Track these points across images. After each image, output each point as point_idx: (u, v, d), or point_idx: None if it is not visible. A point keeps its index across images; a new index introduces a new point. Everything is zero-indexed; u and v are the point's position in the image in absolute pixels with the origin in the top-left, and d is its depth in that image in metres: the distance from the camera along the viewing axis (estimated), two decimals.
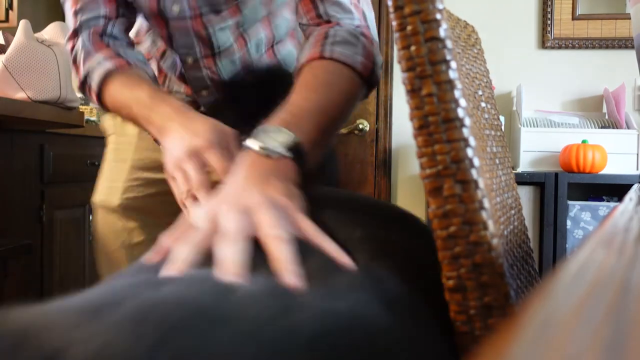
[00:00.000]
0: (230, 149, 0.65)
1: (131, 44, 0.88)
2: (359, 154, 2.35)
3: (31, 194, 1.79)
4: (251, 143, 0.57)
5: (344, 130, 2.31)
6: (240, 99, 0.88)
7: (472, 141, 0.43)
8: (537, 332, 0.18)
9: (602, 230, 0.37)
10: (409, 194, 2.35)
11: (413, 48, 0.43)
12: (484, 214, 0.42)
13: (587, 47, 2.24)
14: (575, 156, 1.87)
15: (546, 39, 2.24)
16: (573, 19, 2.24)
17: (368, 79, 0.71)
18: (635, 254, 0.29)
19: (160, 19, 0.84)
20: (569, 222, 1.89)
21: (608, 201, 1.98)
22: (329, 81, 0.67)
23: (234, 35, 0.86)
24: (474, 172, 0.42)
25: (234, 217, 0.47)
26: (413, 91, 0.43)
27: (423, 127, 0.44)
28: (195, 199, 0.62)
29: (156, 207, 0.95)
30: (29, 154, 1.79)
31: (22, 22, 1.63)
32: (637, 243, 0.32)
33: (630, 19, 2.16)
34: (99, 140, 2.18)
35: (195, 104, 0.91)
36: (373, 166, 2.36)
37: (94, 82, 0.81)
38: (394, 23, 0.44)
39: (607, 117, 2.13)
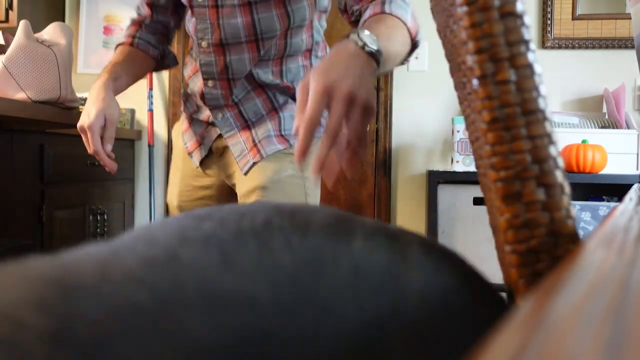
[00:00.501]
0: (104, 133, 1.06)
1: (152, 32, 1.19)
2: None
3: (31, 194, 1.79)
4: (355, 37, 0.70)
5: None
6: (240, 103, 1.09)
7: (555, 137, 0.36)
8: (537, 332, 0.18)
9: (602, 230, 0.37)
10: (409, 194, 2.35)
11: (485, 25, 0.35)
12: (572, 224, 0.35)
13: (587, 47, 2.24)
14: (575, 156, 1.87)
15: (546, 39, 2.24)
16: (573, 18, 2.24)
17: (414, 39, 0.86)
18: (635, 254, 0.29)
19: (191, 7, 1.05)
20: None
21: (608, 201, 1.98)
22: (393, 25, 0.83)
23: (246, 37, 1.01)
24: (559, 174, 0.35)
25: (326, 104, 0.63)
26: (484, 77, 0.36)
27: (497, 120, 0.36)
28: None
29: (196, 202, 1.18)
30: (29, 154, 1.79)
31: (22, 22, 1.63)
32: (637, 243, 0.32)
33: (630, 18, 2.16)
34: None
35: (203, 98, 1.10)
36: (373, 166, 2.36)
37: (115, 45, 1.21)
38: None
39: (607, 117, 2.13)
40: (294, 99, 1.09)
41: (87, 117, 1.06)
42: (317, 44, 1.11)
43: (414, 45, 0.88)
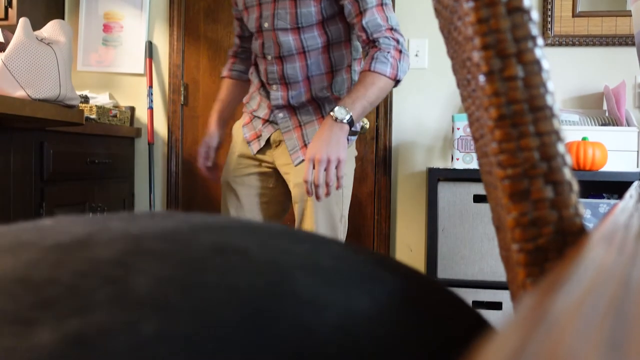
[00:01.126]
0: (207, 151, 1.63)
1: (243, 60, 1.68)
2: (360, 152, 2.35)
3: (31, 192, 1.79)
4: (333, 113, 1.28)
5: None
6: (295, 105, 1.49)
7: (563, 134, 0.35)
8: (538, 330, 0.18)
9: (603, 228, 0.37)
10: (409, 192, 2.35)
11: (492, 21, 0.35)
12: (580, 222, 0.35)
13: (587, 45, 2.23)
14: (576, 153, 1.87)
15: (546, 36, 2.24)
16: (573, 16, 2.24)
17: (395, 79, 1.35)
18: (635, 252, 0.29)
19: (259, 32, 1.44)
20: None
21: (608, 198, 1.98)
22: (371, 82, 1.31)
23: (296, 49, 1.41)
24: (567, 172, 0.35)
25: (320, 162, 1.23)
26: (491, 73, 0.35)
27: (504, 117, 0.35)
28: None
29: (249, 181, 1.56)
30: (29, 152, 1.79)
31: (22, 20, 1.63)
32: (638, 240, 0.32)
33: (630, 16, 2.15)
34: (99, 138, 2.18)
35: (268, 98, 1.50)
36: (373, 164, 2.36)
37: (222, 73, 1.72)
38: None
39: (607, 114, 2.13)
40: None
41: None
42: (355, 60, 1.47)
43: (397, 82, 1.36)
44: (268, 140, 1.50)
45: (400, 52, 1.33)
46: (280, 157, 1.48)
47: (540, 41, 0.35)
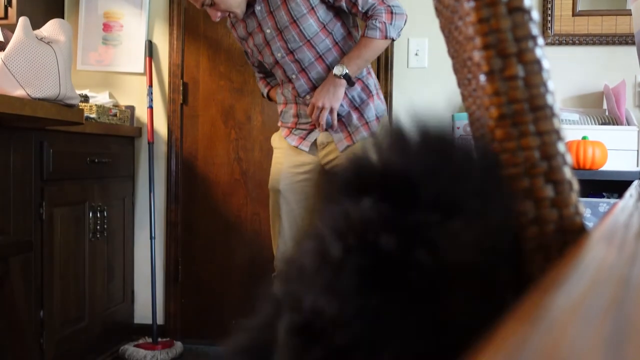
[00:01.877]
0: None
1: (271, 75, 1.90)
2: None
3: (31, 191, 1.79)
4: (333, 70, 1.62)
5: None
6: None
7: (563, 133, 0.35)
8: (538, 327, 0.18)
9: (603, 227, 0.37)
10: None
11: (493, 21, 0.34)
12: (580, 220, 0.35)
13: (587, 44, 2.23)
14: (576, 153, 1.87)
15: (546, 35, 2.23)
16: (573, 15, 2.23)
17: (386, 38, 1.64)
18: (635, 250, 0.29)
19: (277, 64, 1.73)
20: None
21: (608, 197, 1.98)
22: (364, 45, 1.64)
23: (313, 56, 1.68)
24: (567, 171, 0.35)
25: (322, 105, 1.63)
26: (492, 73, 0.35)
27: (505, 116, 0.35)
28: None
29: (299, 188, 1.76)
30: (29, 152, 1.79)
31: (21, 19, 1.63)
32: (638, 239, 0.32)
33: (630, 15, 2.15)
34: (99, 138, 2.18)
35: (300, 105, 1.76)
36: None
37: (265, 96, 1.97)
38: None
39: (607, 113, 2.13)
40: (364, 87, 1.73)
41: None
42: None
43: (392, 40, 1.67)
44: (314, 143, 1.74)
45: (392, 13, 1.63)
46: (328, 155, 1.74)
47: (540, 41, 0.35)
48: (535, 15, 0.35)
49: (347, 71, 1.61)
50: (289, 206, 1.76)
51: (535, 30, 0.35)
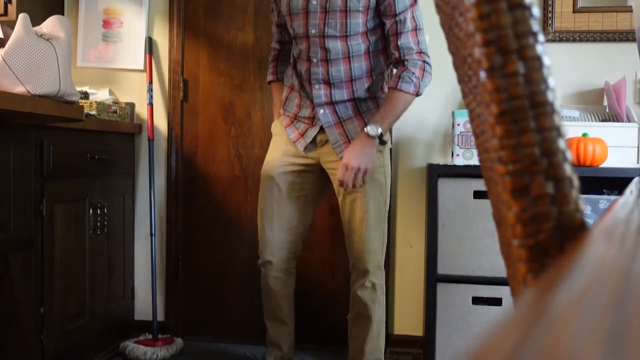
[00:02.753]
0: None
1: (283, 62, 1.85)
2: None
3: (31, 188, 1.79)
4: (367, 130, 1.59)
5: None
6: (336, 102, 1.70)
7: (564, 130, 0.35)
8: (539, 324, 0.18)
9: (603, 223, 0.37)
10: (409, 188, 2.35)
11: (493, 17, 0.34)
12: (580, 217, 0.35)
13: (588, 40, 2.23)
14: (576, 149, 1.87)
15: (547, 32, 2.23)
16: (574, 11, 2.23)
17: (417, 95, 1.63)
18: (636, 247, 0.29)
19: (305, 37, 1.64)
20: None
21: (608, 194, 1.98)
22: (397, 100, 1.61)
23: (342, 53, 1.62)
24: (567, 168, 0.35)
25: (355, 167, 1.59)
26: (492, 69, 0.35)
27: (505, 113, 0.35)
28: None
29: (294, 179, 1.75)
30: (29, 148, 1.78)
31: (21, 15, 1.63)
32: (638, 236, 0.32)
33: (631, 11, 2.15)
34: (99, 135, 2.18)
35: (308, 96, 1.70)
36: None
37: (267, 80, 1.91)
38: None
39: (607, 110, 2.13)
40: (375, 105, 1.70)
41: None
42: (387, 68, 1.73)
43: (418, 95, 1.65)
44: (314, 140, 1.71)
45: (424, 70, 1.62)
46: (327, 155, 1.71)
47: (541, 37, 0.34)
48: (536, 11, 0.35)
49: (381, 131, 1.58)
50: (280, 194, 1.75)
51: (536, 26, 0.34)
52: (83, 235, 2.07)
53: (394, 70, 1.73)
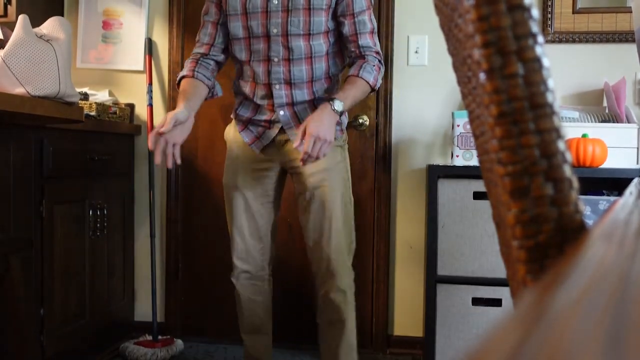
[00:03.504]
0: (167, 120, 1.46)
1: (204, 67, 1.69)
2: (359, 149, 2.35)
3: (31, 189, 1.79)
4: (331, 102, 1.54)
5: None
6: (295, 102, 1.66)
7: (563, 132, 0.35)
8: (539, 325, 0.18)
9: (603, 224, 0.37)
10: (409, 189, 2.35)
11: (493, 19, 0.34)
12: (580, 219, 0.35)
13: (587, 41, 2.23)
14: (576, 150, 1.87)
15: (546, 33, 2.23)
16: (573, 12, 2.23)
17: (373, 88, 1.64)
18: (635, 248, 0.29)
19: (265, 37, 1.59)
20: None
21: (608, 195, 1.98)
22: (358, 85, 1.60)
23: (305, 53, 1.60)
24: (567, 169, 0.35)
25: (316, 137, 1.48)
26: (492, 71, 0.35)
27: (505, 114, 0.35)
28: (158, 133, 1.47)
29: (258, 184, 1.71)
30: (29, 149, 1.78)
31: (21, 16, 1.63)
32: (638, 237, 0.32)
33: (631, 12, 2.15)
34: (99, 136, 2.18)
35: (270, 98, 1.64)
36: (373, 160, 2.36)
37: (177, 78, 1.69)
38: None
39: (607, 111, 2.13)
40: None
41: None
42: (341, 73, 1.74)
43: (373, 90, 1.64)
44: (273, 141, 1.67)
45: (380, 69, 1.64)
46: (288, 154, 1.67)
47: (540, 39, 0.34)
48: (535, 13, 0.35)
49: (343, 109, 1.55)
50: (247, 203, 1.70)
51: (535, 28, 0.35)
52: (83, 236, 2.07)
53: (350, 71, 1.68)
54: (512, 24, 0.34)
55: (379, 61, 1.64)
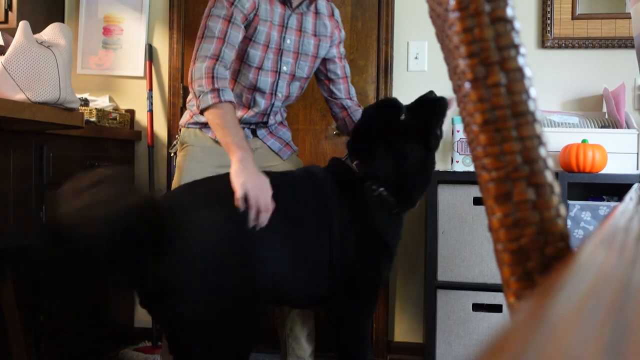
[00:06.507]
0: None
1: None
2: None
3: (31, 194, 1.79)
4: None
5: None
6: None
7: (545, 138, 0.36)
8: (538, 332, 0.18)
9: (603, 230, 0.37)
10: None
11: (476, 30, 0.36)
12: (561, 223, 0.36)
13: (586, 47, 2.24)
14: (575, 156, 1.87)
15: (546, 39, 2.24)
16: (573, 18, 2.24)
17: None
18: (635, 254, 0.29)
19: (274, 72, 1.63)
20: (569, 222, 1.89)
21: (608, 201, 1.98)
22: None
23: (297, 93, 1.73)
24: (548, 174, 0.36)
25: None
26: (476, 80, 0.37)
27: (488, 122, 0.37)
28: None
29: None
30: (29, 155, 1.79)
31: (22, 23, 1.63)
32: (638, 243, 0.32)
33: (630, 18, 2.15)
34: (99, 141, 2.18)
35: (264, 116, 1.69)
36: None
37: (201, 106, 1.49)
38: (452, 2, 0.37)
39: (607, 116, 2.13)
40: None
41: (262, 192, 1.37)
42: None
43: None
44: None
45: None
46: (263, 158, 1.67)
47: (522, 49, 0.36)
48: (518, 25, 0.36)
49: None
50: None
51: (517, 39, 0.36)
52: None
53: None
54: (495, 36, 0.36)
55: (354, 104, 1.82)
